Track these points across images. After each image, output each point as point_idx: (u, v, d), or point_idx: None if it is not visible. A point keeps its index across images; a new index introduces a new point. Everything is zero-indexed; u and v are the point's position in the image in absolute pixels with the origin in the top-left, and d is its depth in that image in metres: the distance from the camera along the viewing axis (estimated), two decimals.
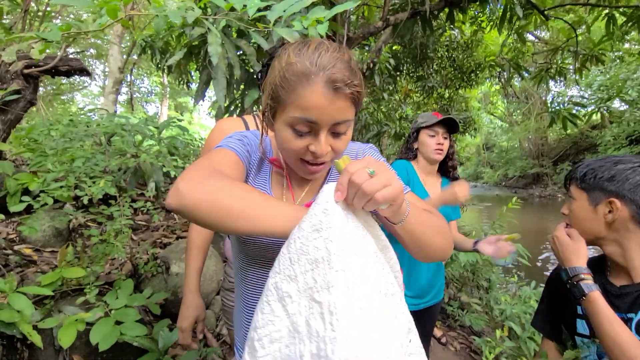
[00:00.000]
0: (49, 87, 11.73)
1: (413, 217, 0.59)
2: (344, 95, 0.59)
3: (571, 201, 0.91)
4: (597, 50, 4.43)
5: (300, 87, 0.58)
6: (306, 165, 0.65)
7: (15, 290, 1.16)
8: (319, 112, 0.59)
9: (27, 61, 2.23)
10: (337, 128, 0.62)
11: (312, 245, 0.48)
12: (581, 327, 0.89)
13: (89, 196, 1.31)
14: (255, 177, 0.75)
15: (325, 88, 0.58)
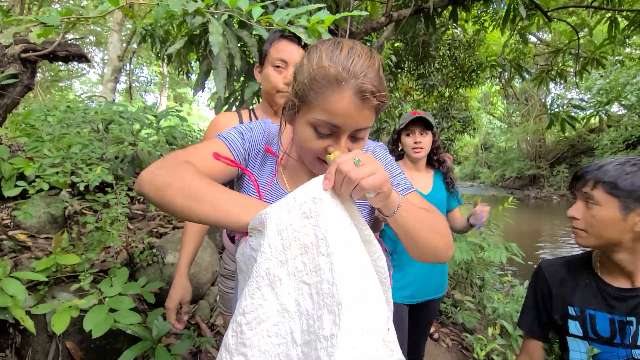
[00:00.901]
0: (46, 73, 11.60)
1: (405, 210, 0.61)
2: (371, 104, 0.60)
3: (589, 205, 0.84)
4: (599, 53, 4.43)
5: (330, 92, 0.59)
6: (323, 165, 0.66)
7: (8, 275, 1.15)
8: (344, 119, 0.60)
9: (25, 45, 2.20)
10: (358, 133, 0.64)
11: (303, 232, 0.51)
12: (574, 328, 0.88)
13: (85, 183, 1.30)
14: (261, 166, 0.76)
15: (355, 97, 0.59)
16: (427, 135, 1.61)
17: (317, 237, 0.50)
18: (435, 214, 0.71)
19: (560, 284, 0.92)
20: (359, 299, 0.46)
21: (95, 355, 1.42)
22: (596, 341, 0.84)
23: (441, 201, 1.63)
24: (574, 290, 0.89)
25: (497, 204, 3.18)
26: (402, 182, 0.76)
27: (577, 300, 0.88)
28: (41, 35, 1.06)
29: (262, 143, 0.77)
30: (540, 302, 0.96)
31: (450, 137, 9.12)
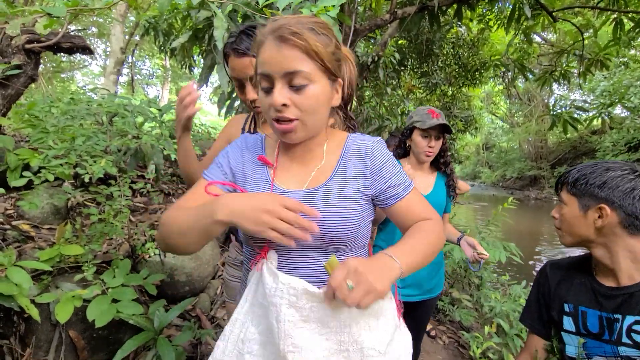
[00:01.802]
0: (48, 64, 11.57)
1: (408, 269, 0.66)
2: (292, 44, 0.63)
3: (562, 205, 0.93)
4: (603, 54, 4.42)
5: (260, 49, 0.67)
6: (275, 125, 0.68)
7: (13, 264, 1.17)
8: (269, 64, 0.65)
9: (29, 36, 2.20)
10: (293, 80, 0.65)
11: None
12: (568, 324, 0.92)
13: (89, 175, 1.32)
14: (252, 180, 0.77)
15: (273, 41, 0.64)
16: (440, 140, 1.57)
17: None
18: (429, 232, 0.74)
19: (559, 282, 0.97)
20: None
21: (97, 345, 1.44)
22: (587, 336, 0.88)
23: (440, 203, 1.60)
24: (570, 289, 0.94)
25: (497, 204, 3.19)
26: (402, 182, 0.77)
27: (572, 297, 0.93)
28: (47, 26, 1.07)
29: (241, 160, 0.79)
30: (541, 300, 1.00)
31: (452, 136, 9.11)
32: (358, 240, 0.75)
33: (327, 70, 0.68)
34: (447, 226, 1.72)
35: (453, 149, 9.27)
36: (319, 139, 0.77)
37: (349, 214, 0.71)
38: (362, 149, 0.78)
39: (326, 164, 0.77)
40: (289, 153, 0.78)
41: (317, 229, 0.63)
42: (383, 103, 7.08)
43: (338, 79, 0.73)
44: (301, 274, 0.70)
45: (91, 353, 1.42)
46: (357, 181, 0.75)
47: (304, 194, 0.73)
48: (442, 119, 1.52)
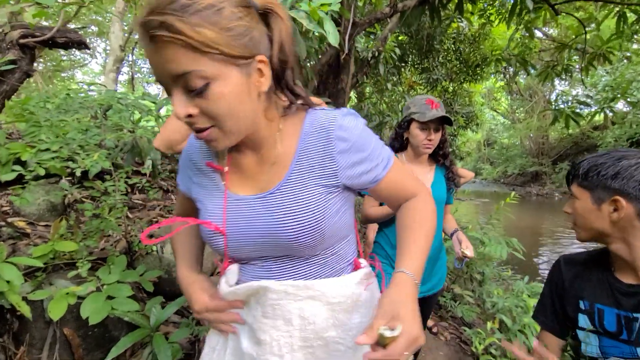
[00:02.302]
0: (48, 63, 11.56)
1: (417, 275, 0.63)
2: (164, 41, 0.47)
3: (574, 200, 0.87)
4: (606, 48, 4.36)
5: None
6: (196, 135, 0.56)
7: (5, 260, 1.14)
8: (154, 69, 0.51)
9: (23, 31, 2.17)
10: (187, 83, 0.49)
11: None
12: (583, 321, 0.87)
13: (82, 169, 1.29)
14: (205, 186, 0.69)
15: (145, 41, 0.48)
16: (439, 131, 1.50)
17: None
18: (425, 219, 0.70)
19: (574, 278, 0.92)
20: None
21: (93, 342, 1.42)
22: (603, 335, 0.83)
23: (440, 197, 1.55)
24: (586, 285, 0.89)
25: (499, 201, 3.16)
26: (379, 160, 0.66)
27: (588, 294, 0.88)
28: (36, 16, 1.04)
29: (191, 168, 0.71)
30: (555, 297, 0.95)
31: (453, 132, 9.06)
32: (329, 240, 0.66)
33: (230, 57, 0.50)
34: (448, 217, 1.68)
35: (454, 145, 9.22)
36: (262, 133, 0.62)
37: (317, 217, 0.61)
38: (323, 130, 0.62)
39: (282, 157, 0.63)
40: (240, 154, 0.66)
41: (241, 321, 0.68)
42: (383, 99, 7.03)
43: (254, 58, 0.54)
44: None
45: (86, 351, 1.40)
46: (321, 174, 0.62)
47: (258, 199, 0.63)
48: (442, 110, 1.45)
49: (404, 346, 0.52)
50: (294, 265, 0.66)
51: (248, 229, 0.63)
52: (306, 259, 0.66)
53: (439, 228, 1.60)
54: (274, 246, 0.63)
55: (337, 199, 0.65)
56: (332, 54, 3.25)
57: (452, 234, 1.56)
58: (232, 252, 0.66)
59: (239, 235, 0.64)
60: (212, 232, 0.65)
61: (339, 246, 0.70)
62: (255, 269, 0.68)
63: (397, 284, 0.60)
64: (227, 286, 0.68)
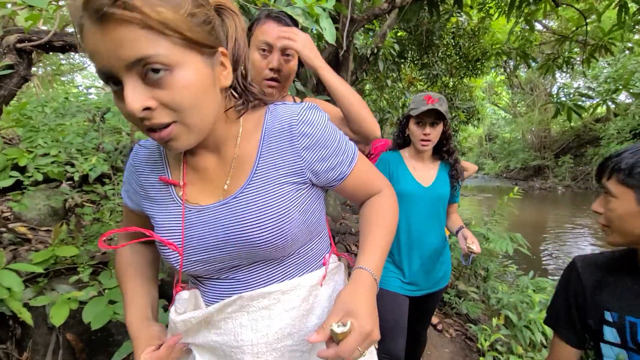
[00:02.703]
0: (48, 67, 11.57)
1: (377, 270, 0.63)
2: (118, 21, 0.41)
3: (608, 198, 0.76)
4: (607, 39, 4.31)
5: (83, 38, 0.44)
6: (151, 135, 0.49)
7: (5, 267, 1.14)
8: (99, 56, 0.43)
9: (20, 35, 2.16)
10: (146, 71, 0.44)
11: None
12: (610, 334, 0.76)
13: (80, 173, 1.28)
14: (158, 200, 0.64)
15: (90, 22, 0.42)
16: (437, 126, 1.47)
17: None
18: (387, 217, 0.68)
19: (597, 285, 0.79)
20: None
21: (95, 347, 1.41)
22: (636, 352, 0.72)
23: (443, 195, 1.53)
24: (613, 293, 0.77)
25: (502, 195, 3.14)
26: (344, 158, 0.64)
27: (615, 304, 0.76)
28: (29, 19, 1.02)
29: (139, 183, 0.65)
30: (572, 304, 0.83)
31: (455, 127, 9.03)
32: (307, 235, 0.64)
33: (193, 43, 0.46)
34: (454, 216, 1.66)
35: (456, 141, 9.19)
36: (221, 132, 0.59)
37: (282, 218, 0.57)
38: (285, 125, 0.59)
39: (244, 158, 0.60)
40: (197, 157, 0.61)
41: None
42: (383, 96, 7.01)
43: (218, 50, 0.51)
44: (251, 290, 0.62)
45: (89, 356, 1.39)
46: (287, 171, 0.59)
47: (221, 206, 0.59)
48: (439, 104, 1.43)
49: (356, 341, 0.51)
50: (268, 269, 0.63)
51: (212, 241, 0.59)
52: (280, 261, 0.63)
53: (442, 225, 1.58)
54: (244, 253, 0.59)
55: (307, 196, 0.62)
56: (330, 52, 3.23)
57: (458, 231, 1.54)
58: (190, 267, 0.61)
59: (200, 248, 0.59)
60: (168, 250, 0.60)
61: (313, 243, 0.68)
62: (219, 284, 0.63)
63: (354, 281, 0.59)
64: (176, 314, 0.65)
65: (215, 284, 0.64)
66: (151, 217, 0.64)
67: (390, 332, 1.43)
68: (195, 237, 0.59)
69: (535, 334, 2.18)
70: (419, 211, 1.50)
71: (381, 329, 1.67)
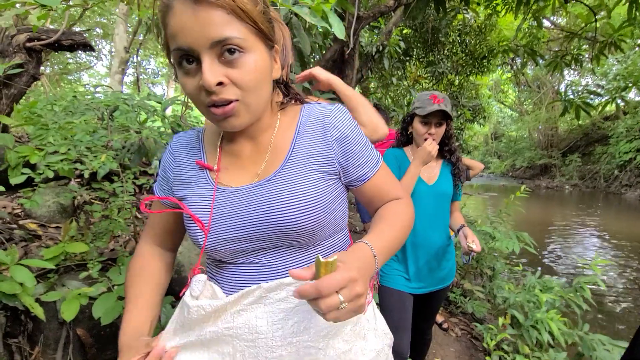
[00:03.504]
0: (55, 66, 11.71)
1: (381, 264, 0.58)
2: (211, 4, 0.49)
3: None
4: (617, 36, 4.24)
5: (167, 17, 0.52)
6: (211, 110, 0.55)
7: (17, 262, 1.16)
8: (186, 34, 0.50)
9: (29, 34, 2.18)
10: (224, 49, 0.51)
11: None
12: None
13: (90, 170, 1.29)
14: (192, 182, 0.66)
15: (183, 2, 0.50)
16: (442, 126, 1.48)
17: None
18: (403, 217, 0.67)
19: None
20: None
21: (105, 342, 1.43)
22: None
23: (446, 192, 1.54)
24: None
25: (508, 194, 3.11)
26: (370, 159, 0.68)
27: None
28: (40, 18, 1.04)
29: (175, 166, 0.69)
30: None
31: (460, 126, 8.97)
32: (332, 226, 0.65)
33: (262, 34, 0.55)
34: (456, 214, 1.66)
35: (461, 139, 9.12)
36: (266, 120, 0.65)
37: (311, 203, 0.59)
38: (319, 120, 0.65)
39: (279, 146, 0.64)
40: (234, 145, 0.66)
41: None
42: (388, 94, 6.98)
43: (275, 46, 0.60)
44: (265, 280, 0.61)
45: (99, 351, 1.41)
46: (319, 159, 0.63)
47: (254, 187, 0.61)
48: (445, 105, 1.43)
49: (337, 281, 0.44)
50: (290, 257, 0.63)
51: (240, 220, 0.60)
52: (303, 250, 0.63)
53: (446, 222, 1.58)
54: (271, 234, 0.60)
55: (335, 187, 0.65)
56: (336, 50, 3.22)
57: (459, 229, 1.54)
58: (215, 248, 0.62)
59: (227, 227, 0.61)
60: (195, 226, 0.62)
61: (336, 238, 0.69)
62: (239, 270, 0.63)
63: (352, 249, 0.55)
64: (191, 298, 0.63)
65: (235, 270, 0.64)
66: (183, 199, 0.65)
67: (395, 329, 1.43)
68: (224, 215, 0.61)
69: (542, 333, 2.16)
70: (423, 209, 1.50)
71: None
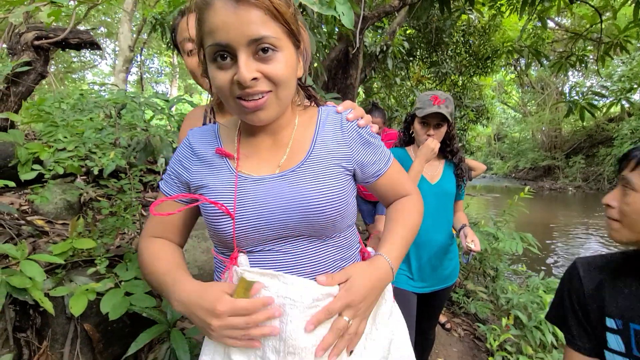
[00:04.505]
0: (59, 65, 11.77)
1: (395, 261, 0.69)
2: (252, 4, 0.53)
3: (626, 191, 0.72)
4: (622, 37, 4.22)
5: (206, 13, 0.55)
6: (241, 103, 0.58)
7: (27, 257, 1.17)
8: (225, 31, 0.54)
9: (38, 32, 2.21)
10: (260, 47, 0.55)
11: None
12: (614, 343, 0.71)
13: (99, 167, 1.31)
14: (212, 171, 0.68)
15: (224, 3, 0.53)
16: (441, 128, 1.48)
17: None
18: (414, 214, 0.75)
19: (597, 289, 0.74)
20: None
21: (112, 338, 1.44)
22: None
23: (450, 191, 1.54)
24: (614, 299, 0.72)
25: (510, 196, 3.10)
26: (383, 156, 0.74)
27: (618, 310, 0.71)
28: (51, 15, 1.05)
29: (194, 158, 0.69)
30: (577, 310, 0.77)
31: (463, 126, 8.94)
32: (347, 219, 0.69)
33: (292, 35, 0.60)
34: (459, 214, 1.67)
35: (464, 140, 9.09)
36: (286, 117, 0.69)
37: (335, 193, 0.64)
38: (337, 121, 0.70)
39: (300, 141, 0.68)
40: (253, 139, 0.69)
41: (276, 315, 0.58)
42: (392, 94, 6.98)
43: (301, 46, 0.64)
44: (283, 269, 0.63)
45: (106, 346, 1.42)
46: (338, 155, 0.68)
47: (278, 177, 0.64)
48: (445, 106, 1.43)
49: (338, 305, 0.60)
50: (309, 246, 0.65)
51: (266, 208, 0.62)
52: (323, 240, 0.66)
53: (449, 221, 1.59)
54: (296, 222, 0.62)
55: (351, 182, 0.70)
56: (340, 49, 3.23)
57: (460, 229, 1.55)
58: (242, 234, 0.62)
59: (253, 214, 0.62)
60: (219, 213, 0.62)
61: (349, 232, 0.72)
62: (262, 256, 0.64)
63: (371, 262, 0.67)
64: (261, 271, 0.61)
65: (257, 258, 0.64)
66: (203, 187, 0.66)
67: None
68: (249, 203, 0.63)
69: (546, 334, 2.16)
70: (426, 208, 1.49)
71: None
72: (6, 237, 1.55)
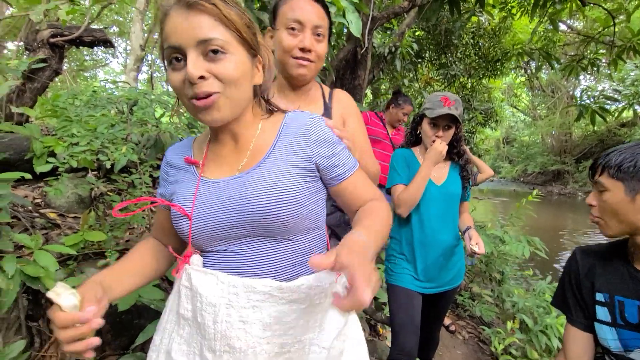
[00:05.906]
0: (72, 63, 11.99)
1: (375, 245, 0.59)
2: (201, 10, 0.57)
3: (601, 192, 0.86)
4: (636, 41, 4.16)
5: (164, 22, 0.60)
6: (193, 102, 0.60)
7: (40, 247, 1.20)
8: (178, 34, 0.58)
9: (53, 30, 2.26)
10: (209, 49, 0.58)
11: None
12: (602, 314, 0.87)
13: (112, 161, 1.34)
14: (181, 179, 0.73)
15: (178, 9, 0.58)
16: (450, 129, 1.48)
17: None
18: (382, 214, 0.69)
19: (589, 270, 0.92)
20: None
21: (120, 328, 1.47)
22: (624, 327, 0.83)
23: (456, 193, 1.54)
24: (603, 277, 0.89)
25: (519, 200, 3.08)
26: (345, 161, 0.72)
27: (605, 286, 0.87)
28: (69, 13, 1.08)
29: (170, 168, 0.76)
30: (575, 289, 0.95)
31: (472, 129, 8.88)
32: (308, 221, 0.68)
33: (245, 42, 0.62)
34: (465, 216, 1.66)
35: (472, 143, 9.03)
36: (247, 121, 0.70)
37: (290, 194, 0.64)
38: (301, 125, 0.71)
39: (262, 144, 0.70)
40: (218, 145, 0.72)
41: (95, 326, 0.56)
42: None
43: (257, 56, 0.67)
44: (243, 269, 0.64)
45: (114, 337, 1.45)
46: (298, 157, 0.68)
47: (234, 179, 0.67)
48: (455, 108, 1.43)
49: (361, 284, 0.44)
50: (266, 246, 0.66)
51: (221, 208, 0.65)
52: (278, 242, 0.66)
53: (455, 223, 1.58)
54: (250, 222, 0.64)
55: (312, 184, 0.70)
56: (349, 50, 3.24)
57: (465, 231, 1.54)
58: (199, 234, 0.66)
59: (209, 214, 0.65)
60: (179, 215, 0.67)
61: (312, 235, 0.71)
62: (219, 256, 0.67)
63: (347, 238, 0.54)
64: (207, 270, 0.66)
65: (218, 258, 0.67)
66: (173, 194, 0.72)
67: (403, 328, 1.44)
68: (207, 204, 0.66)
69: (552, 339, 2.14)
70: (432, 209, 1.50)
71: (394, 325, 1.67)
72: (21, 228, 1.59)
